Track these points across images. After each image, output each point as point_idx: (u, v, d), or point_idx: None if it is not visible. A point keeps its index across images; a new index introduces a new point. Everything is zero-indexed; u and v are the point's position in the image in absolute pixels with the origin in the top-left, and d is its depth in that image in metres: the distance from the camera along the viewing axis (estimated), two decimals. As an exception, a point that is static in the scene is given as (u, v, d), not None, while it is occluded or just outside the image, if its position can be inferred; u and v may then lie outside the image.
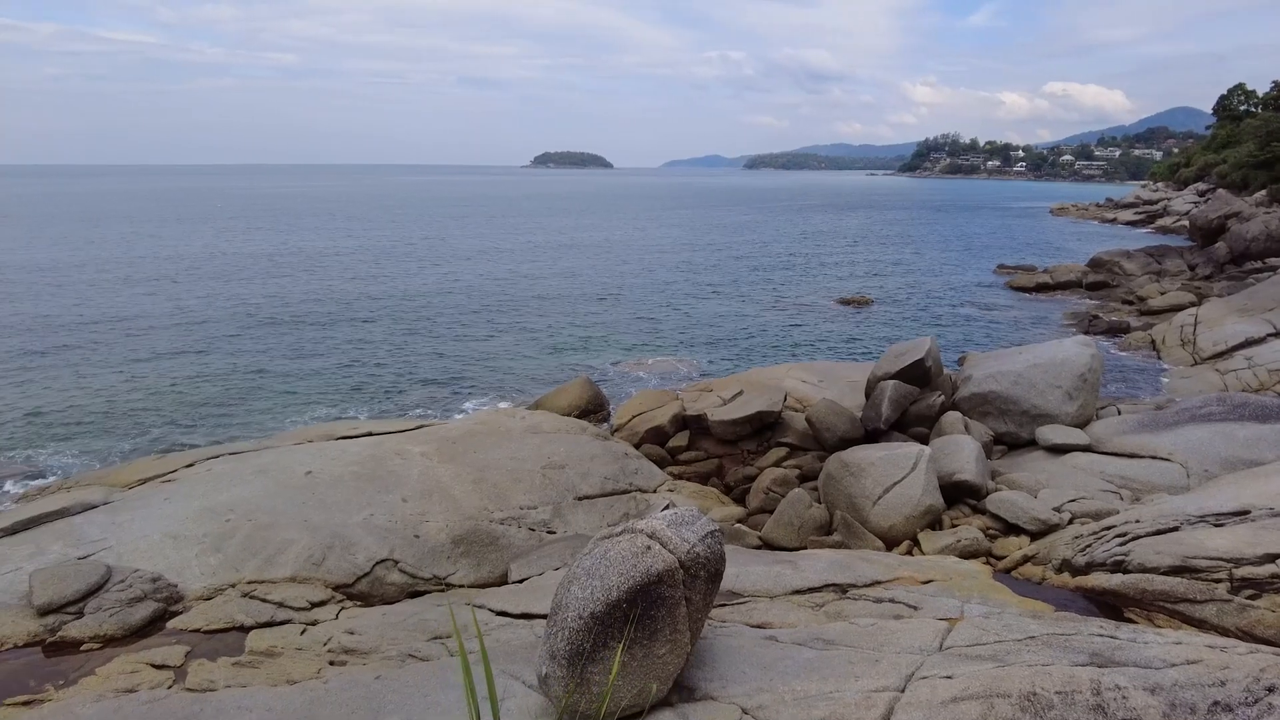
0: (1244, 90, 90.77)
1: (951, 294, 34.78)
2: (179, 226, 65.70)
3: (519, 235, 61.13)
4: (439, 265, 42.48)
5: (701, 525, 5.44)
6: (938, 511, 10.44)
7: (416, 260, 44.35)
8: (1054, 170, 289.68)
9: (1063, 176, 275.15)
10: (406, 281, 36.32)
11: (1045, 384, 13.65)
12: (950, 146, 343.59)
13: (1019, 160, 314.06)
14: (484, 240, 56.88)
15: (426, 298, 32.11)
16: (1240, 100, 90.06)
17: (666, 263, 44.80)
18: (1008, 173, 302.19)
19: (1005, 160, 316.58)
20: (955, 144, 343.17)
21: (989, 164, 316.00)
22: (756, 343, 25.33)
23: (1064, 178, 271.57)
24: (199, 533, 8.75)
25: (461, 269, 41.05)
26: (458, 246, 52.02)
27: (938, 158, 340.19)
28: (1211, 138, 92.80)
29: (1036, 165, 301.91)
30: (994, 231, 68.45)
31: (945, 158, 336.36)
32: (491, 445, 11.30)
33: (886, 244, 57.14)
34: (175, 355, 22.29)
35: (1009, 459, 13.12)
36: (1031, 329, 27.04)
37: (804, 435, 13.76)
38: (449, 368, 21.66)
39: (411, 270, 40.19)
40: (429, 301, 31.31)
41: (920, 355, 13.83)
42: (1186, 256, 40.44)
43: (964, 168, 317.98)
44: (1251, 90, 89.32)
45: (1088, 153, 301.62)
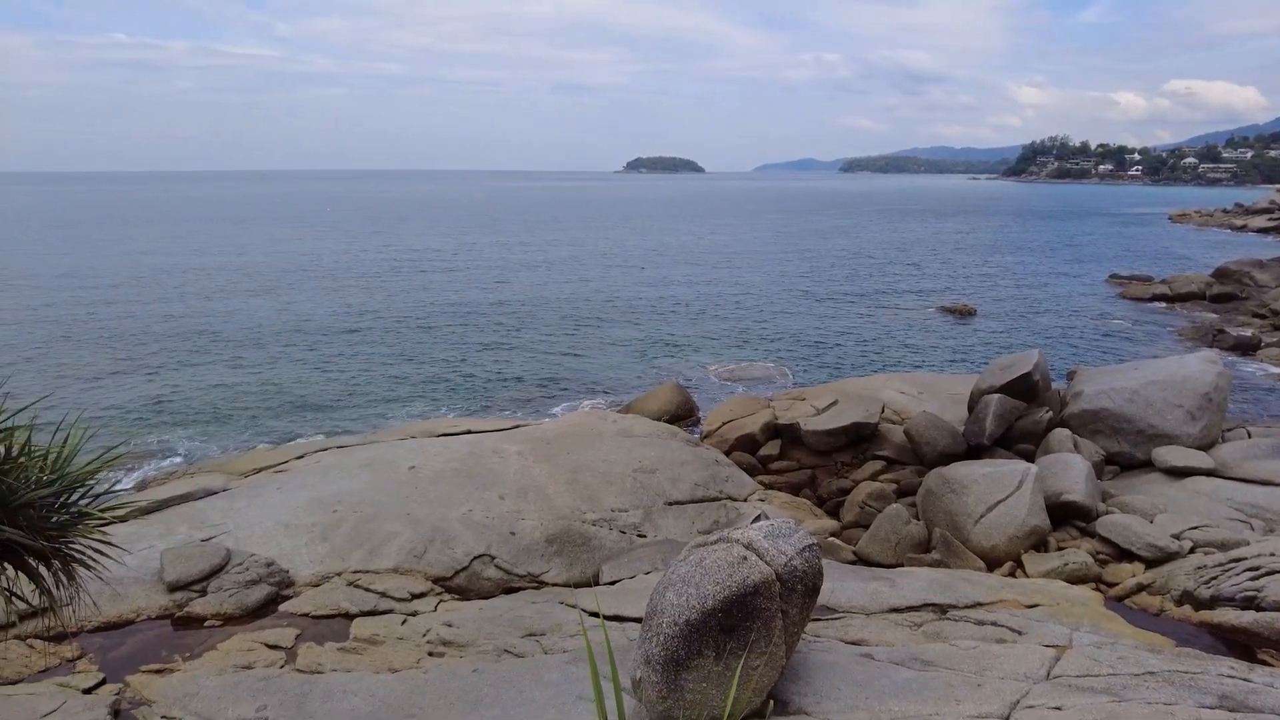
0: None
1: (1060, 305, 33.18)
2: (292, 229, 69.33)
3: (610, 240, 61.81)
4: (532, 269, 43.40)
5: (799, 538, 5.37)
6: (1043, 533, 9.98)
7: (509, 264, 45.45)
8: (1174, 174, 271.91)
9: (1184, 180, 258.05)
10: (500, 284, 37.28)
11: (1164, 402, 12.85)
12: (1058, 149, 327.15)
13: (1134, 163, 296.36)
14: (575, 245, 57.77)
15: (520, 301, 32.86)
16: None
17: (757, 268, 44.43)
18: (1122, 177, 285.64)
19: (1119, 163, 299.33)
20: (1064, 146, 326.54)
21: (1101, 168, 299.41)
22: (852, 351, 24.81)
23: (1186, 182, 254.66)
24: (308, 522, 9.21)
25: (553, 273, 41.82)
26: (550, 251, 53.01)
27: (1045, 161, 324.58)
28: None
29: (1154, 169, 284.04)
30: (1106, 239, 64.95)
31: (1053, 161, 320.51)
32: (584, 447, 11.46)
33: (990, 251, 54.99)
34: (288, 352, 23.56)
35: (1122, 480, 12.41)
36: (1148, 343, 25.51)
37: (902, 449, 13.39)
38: (542, 369, 22.10)
39: (504, 274, 41.22)
40: (522, 304, 32.03)
41: (1027, 369, 13.26)
42: (1328, 267, 37.32)
43: (1073, 172, 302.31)
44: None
45: (1214, 154, 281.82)
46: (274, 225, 73.73)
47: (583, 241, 60.42)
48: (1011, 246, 58.44)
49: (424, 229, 70.74)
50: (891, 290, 36.78)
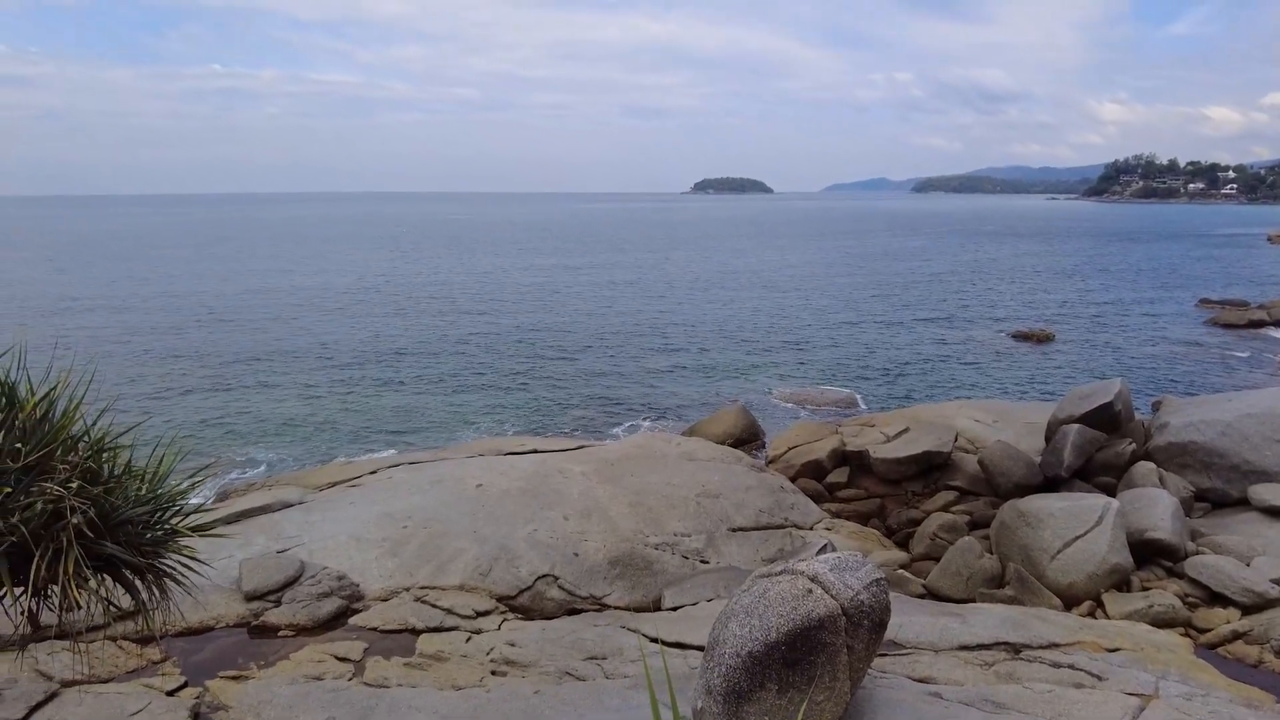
0: None
1: (1145, 331, 31.77)
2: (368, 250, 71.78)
3: (675, 261, 62.06)
4: (597, 290, 43.90)
5: (866, 572, 5.26)
6: (1126, 571, 9.52)
7: (574, 285, 46.07)
8: (1274, 192, 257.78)
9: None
10: (565, 305, 37.82)
11: (1261, 437, 12.15)
12: (1144, 168, 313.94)
13: (1228, 181, 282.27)
14: (640, 266, 58.20)
15: (584, 321, 33.27)
16: None
17: (825, 290, 43.94)
18: (1214, 195, 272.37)
19: (1211, 182, 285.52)
20: (1150, 165, 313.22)
21: (1191, 186, 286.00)
22: (924, 377, 24.24)
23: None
24: (379, 536, 9.45)
25: (618, 294, 42.21)
26: (615, 272, 53.52)
27: (1129, 180, 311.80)
28: None
29: (1251, 187, 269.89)
30: (1197, 261, 62.04)
31: (1138, 180, 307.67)
32: (648, 469, 11.47)
33: (1070, 274, 53.13)
34: (363, 370, 24.41)
35: (1213, 519, 11.76)
36: (1243, 372, 24.19)
37: (975, 479, 12.99)
38: (606, 390, 22.28)
39: (570, 295, 41.79)
40: (587, 325, 32.42)
41: (1108, 398, 12.73)
42: None
43: (1160, 191, 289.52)
44: None
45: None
46: (352, 246, 76.47)
47: (648, 262, 60.84)
48: (1092, 269, 56.36)
49: (493, 250, 72.37)
50: (965, 314, 35.85)
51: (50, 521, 3.31)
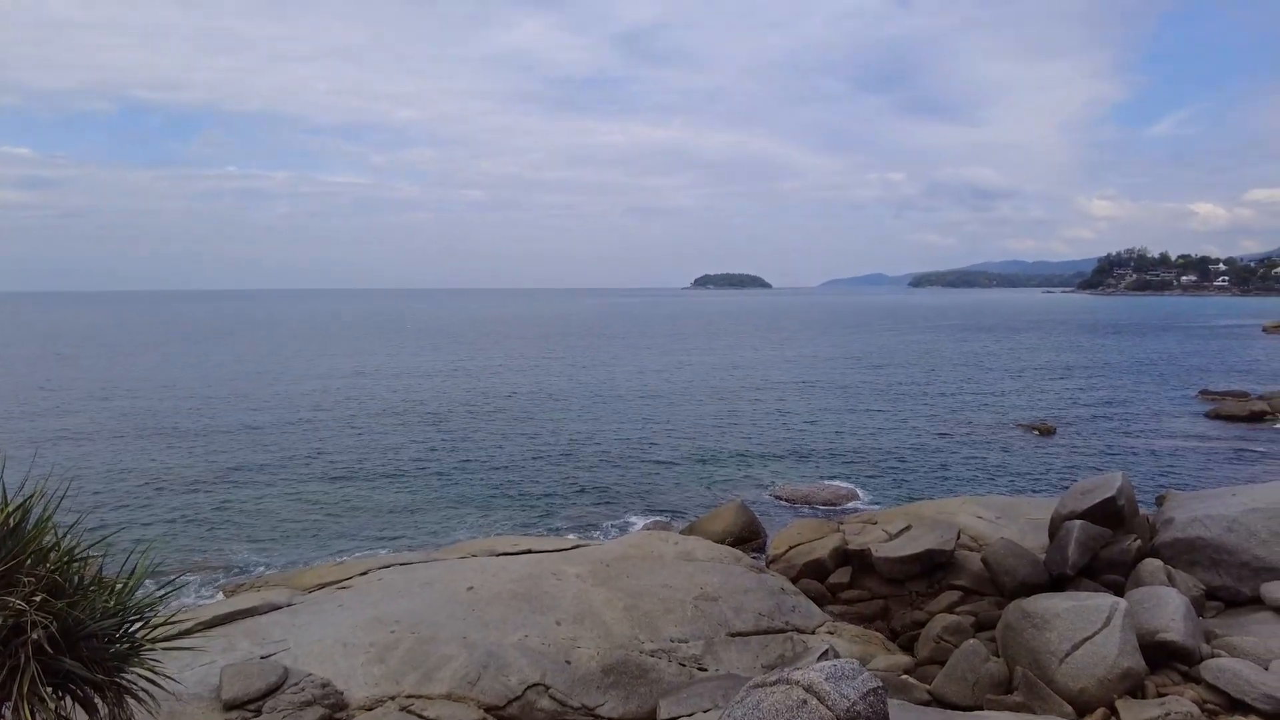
0: None
1: (1146, 423, 31.66)
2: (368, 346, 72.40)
3: (675, 355, 62.50)
4: (596, 384, 44.02)
5: (863, 681, 5.09)
6: (1138, 676, 9.16)
7: (574, 380, 46.25)
8: (1265, 284, 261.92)
9: (1277, 290, 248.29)
10: (563, 399, 37.85)
11: (1269, 532, 11.92)
12: (1136, 261, 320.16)
13: (1220, 274, 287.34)
14: (639, 360, 58.62)
15: (583, 416, 33.22)
16: None
17: (825, 384, 44.05)
18: (1206, 287, 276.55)
19: (1203, 274, 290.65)
20: (1142, 258, 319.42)
21: (1183, 279, 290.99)
22: (925, 472, 24.01)
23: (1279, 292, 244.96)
24: (366, 641, 9.17)
25: (618, 388, 42.30)
26: (614, 366, 53.85)
27: (1122, 273, 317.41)
28: None
29: (1243, 279, 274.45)
30: (1194, 353, 62.40)
31: (1131, 273, 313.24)
32: (644, 571, 11.23)
33: (1070, 366, 53.37)
34: (356, 466, 24.19)
35: (1226, 618, 11.41)
36: (1246, 465, 23.96)
37: (979, 578, 12.68)
38: (604, 486, 22.04)
39: (568, 389, 41.89)
40: (585, 419, 32.36)
41: (1111, 493, 12.55)
42: None
43: (1153, 283, 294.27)
44: None
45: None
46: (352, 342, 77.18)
47: (647, 356, 61.26)
48: (1091, 361, 56.65)
49: (494, 344, 73.08)
50: (966, 407, 35.83)
51: (10, 636, 3.22)
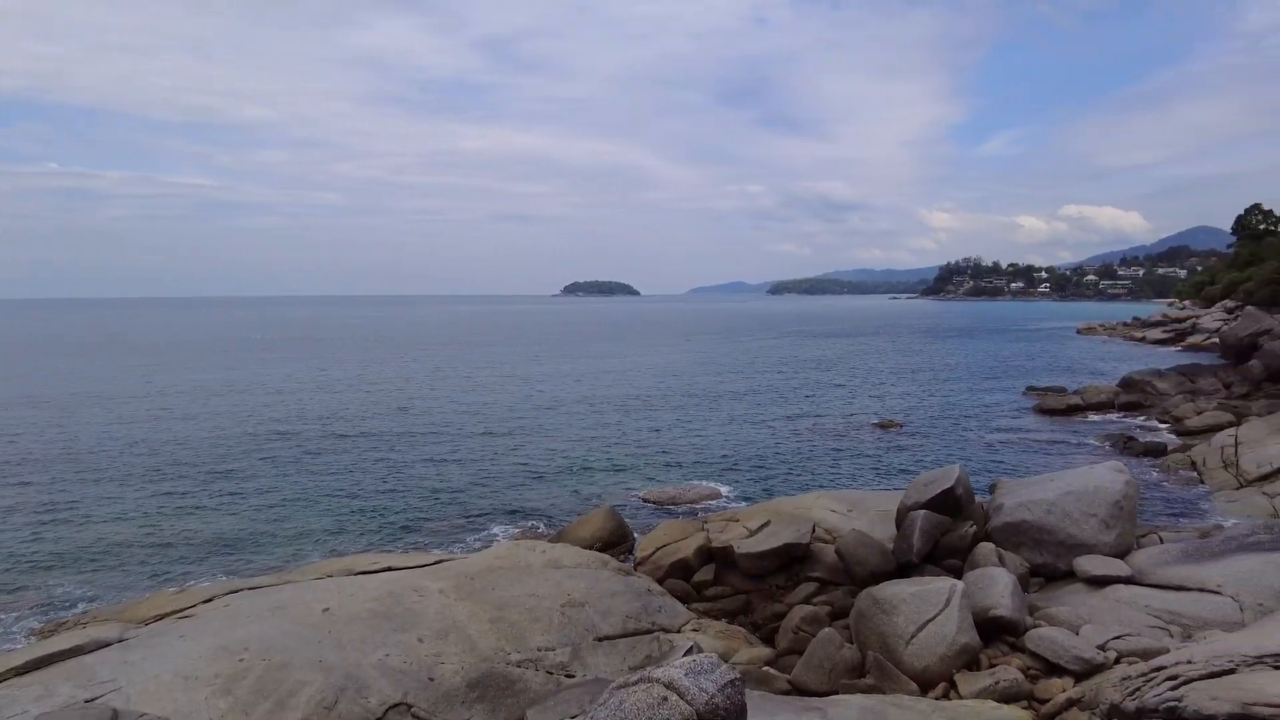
0: (1260, 210, 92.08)
1: (981, 418, 34.38)
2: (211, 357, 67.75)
3: (544, 363, 62.14)
4: (461, 392, 43.10)
5: (721, 674, 5.24)
6: (974, 650, 9.94)
7: (435, 388, 45.07)
8: (1078, 290, 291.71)
9: (1087, 296, 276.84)
10: (425, 410, 36.76)
11: (1080, 512, 13.25)
12: (973, 269, 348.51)
13: (1042, 281, 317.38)
14: (506, 367, 57.90)
15: (447, 426, 32.39)
16: (1258, 219, 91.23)
17: (691, 389, 45.05)
18: (1032, 294, 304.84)
19: (1029, 281, 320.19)
20: (978, 267, 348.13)
21: (1012, 285, 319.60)
22: (784, 470, 25.01)
23: (1089, 297, 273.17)
24: (211, 673, 8.57)
25: (484, 397, 41.57)
26: (479, 374, 52.92)
27: (960, 281, 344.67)
28: (1235, 256, 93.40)
29: (1060, 286, 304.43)
30: (1021, 353, 68.31)
31: (968, 280, 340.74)
32: (511, 581, 11.10)
33: (914, 368, 57.16)
34: (198, 487, 22.52)
35: (1047, 592, 12.58)
36: (1064, 453, 26.46)
37: (834, 569, 13.34)
38: (470, 497, 21.57)
39: (429, 398, 40.75)
40: (449, 429, 31.57)
41: (949, 484, 13.56)
42: (1220, 375, 39.85)
43: (987, 290, 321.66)
44: (1269, 210, 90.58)
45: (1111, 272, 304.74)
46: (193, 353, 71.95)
47: (515, 364, 60.57)
48: (933, 363, 60.90)
49: (352, 354, 69.98)
50: (821, 408, 37.63)
51: None
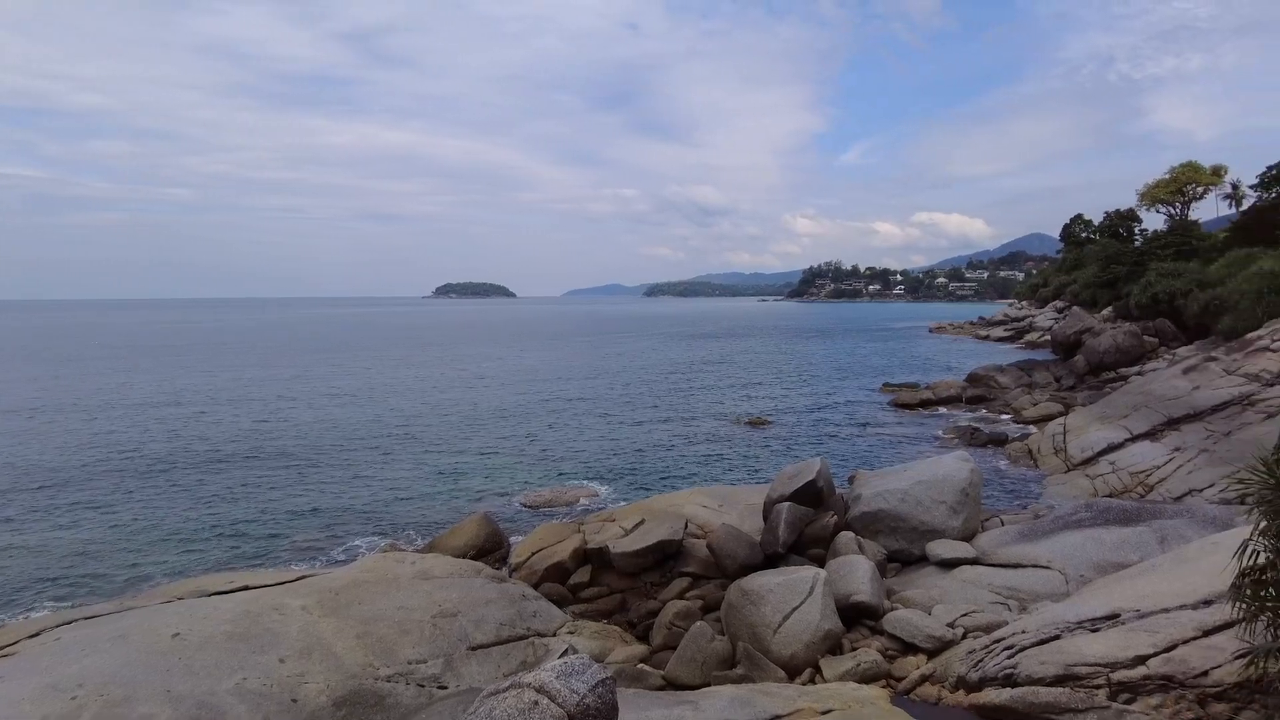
0: (1082, 220, 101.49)
1: (841, 413, 36.14)
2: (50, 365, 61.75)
3: (413, 368, 60.35)
4: (327, 399, 41.24)
5: (592, 674, 5.29)
6: (837, 636, 10.45)
7: (299, 395, 42.92)
8: (930, 292, 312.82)
9: (938, 297, 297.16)
10: (289, 422, 34.89)
11: (931, 500, 14.17)
12: (834, 273, 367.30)
13: (897, 283, 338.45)
14: (374, 372, 55.85)
15: (311, 438, 30.88)
16: (1081, 228, 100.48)
17: (567, 392, 44.98)
18: (888, 295, 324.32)
19: (885, 284, 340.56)
20: (838, 270, 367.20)
21: (870, 288, 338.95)
22: (659, 468, 25.41)
23: (939, 298, 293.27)
24: (38, 715, 7.81)
25: (350, 406, 39.91)
26: (347, 379, 50.82)
27: (823, 283, 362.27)
28: (1062, 260, 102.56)
29: (914, 288, 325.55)
30: (879, 352, 72.32)
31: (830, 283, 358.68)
32: (378, 595, 10.72)
33: (780, 367, 59.39)
34: (22, 511, 20.47)
35: (903, 576, 13.37)
36: (917, 445, 28.23)
37: (706, 563, 13.67)
38: (336, 509, 20.66)
39: (293, 406, 38.78)
40: (315, 442, 30.09)
41: (811, 477, 14.17)
42: (1052, 369, 43.68)
43: (847, 292, 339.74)
44: (1089, 220, 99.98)
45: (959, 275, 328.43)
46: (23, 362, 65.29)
47: (382, 369, 58.48)
48: (798, 362, 63.50)
49: (205, 361, 65.50)
50: (694, 407, 38.48)
51: None
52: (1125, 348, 41.30)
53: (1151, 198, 79.36)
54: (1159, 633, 7.48)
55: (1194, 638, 7.24)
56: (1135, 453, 20.83)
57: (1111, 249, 70.39)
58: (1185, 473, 18.80)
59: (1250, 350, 23.75)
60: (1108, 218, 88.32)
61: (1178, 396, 22.58)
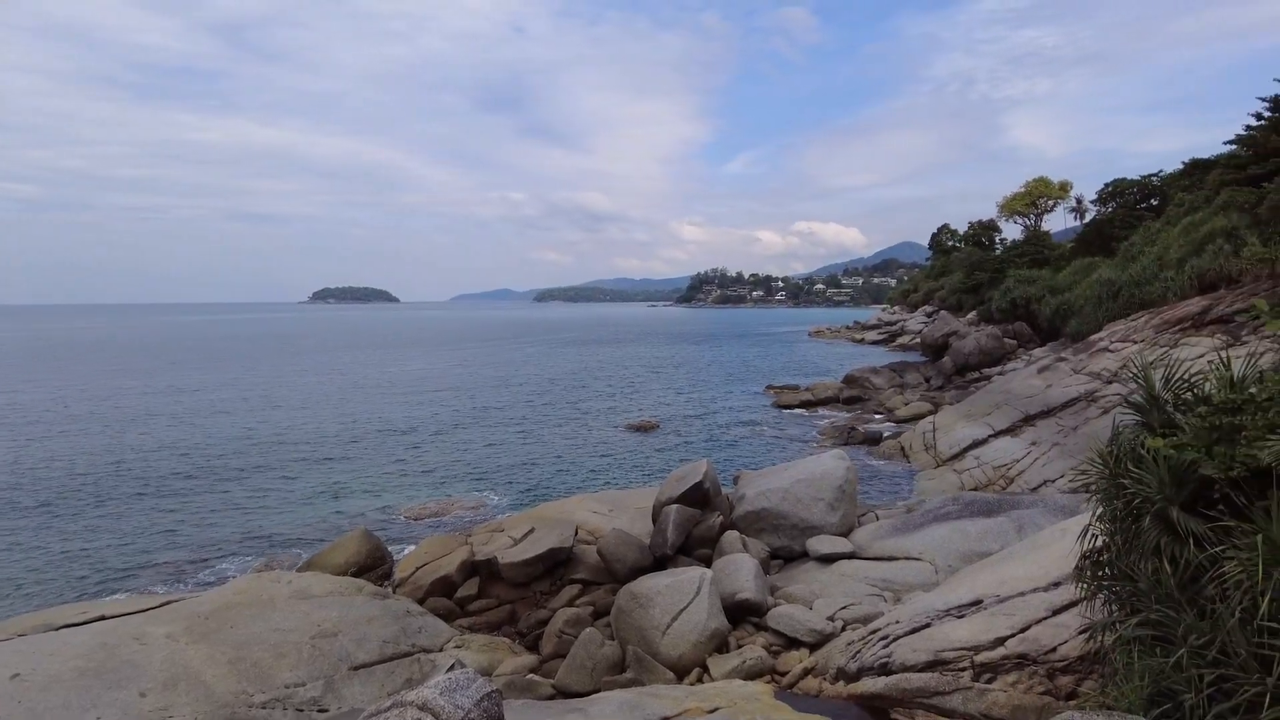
0: (949, 230, 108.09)
1: (727, 415, 37.01)
2: None
3: (289, 376, 57.60)
4: (191, 415, 38.74)
5: (477, 688, 5.19)
6: (724, 634, 10.68)
7: (161, 412, 40.12)
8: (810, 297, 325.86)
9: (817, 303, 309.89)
10: (152, 436, 32.58)
11: (810, 497, 14.71)
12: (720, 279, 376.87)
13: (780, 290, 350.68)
14: (245, 386, 52.93)
15: (176, 455, 28.95)
16: (947, 237, 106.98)
17: (453, 401, 44.05)
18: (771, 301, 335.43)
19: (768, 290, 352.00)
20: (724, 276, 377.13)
21: (754, 294, 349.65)
22: (550, 475, 25.25)
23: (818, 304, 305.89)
24: None
25: (219, 419, 37.64)
26: (214, 395, 47.91)
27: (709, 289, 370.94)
28: (931, 267, 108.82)
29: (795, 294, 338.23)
30: (762, 355, 74.52)
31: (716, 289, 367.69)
32: (252, 617, 10.17)
33: (669, 371, 60.25)
34: None
35: (785, 572, 13.82)
36: (798, 444, 29.26)
37: (597, 569, 13.69)
38: (204, 531, 19.42)
39: (156, 423, 36.19)
40: (180, 460, 28.19)
41: (698, 478, 14.45)
42: (922, 370, 46.23)
43: (733, 297, 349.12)
44: (955, 229, 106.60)
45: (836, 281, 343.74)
46: None
47: (252, 380, 55.48)
48: (686, 366, 64.60)
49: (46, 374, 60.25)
50: (584, 412, 38.47)
51: None
52: (988, 349, 44.24)
53: (1009, 209, 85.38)
54: (1015, 615, 8.04)
55: (1045, 617, 7.83)
56: (997, 448, 22.32)
57: (975, 257, 75.24)
58: (1040, 465, 20.30)
59: (1093, 350, 25.92)
60: (971, 227, 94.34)
61: (1033, 395, 24.36)
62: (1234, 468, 5.08)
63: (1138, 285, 31.81)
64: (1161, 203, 51.31)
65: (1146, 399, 6.23)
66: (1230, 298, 23.90)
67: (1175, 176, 49.03)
